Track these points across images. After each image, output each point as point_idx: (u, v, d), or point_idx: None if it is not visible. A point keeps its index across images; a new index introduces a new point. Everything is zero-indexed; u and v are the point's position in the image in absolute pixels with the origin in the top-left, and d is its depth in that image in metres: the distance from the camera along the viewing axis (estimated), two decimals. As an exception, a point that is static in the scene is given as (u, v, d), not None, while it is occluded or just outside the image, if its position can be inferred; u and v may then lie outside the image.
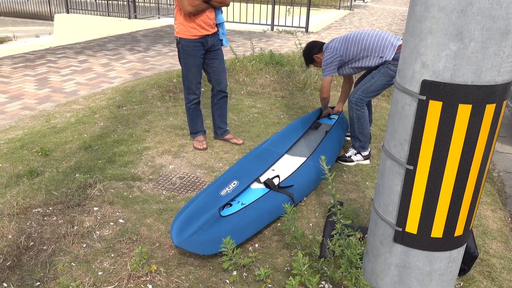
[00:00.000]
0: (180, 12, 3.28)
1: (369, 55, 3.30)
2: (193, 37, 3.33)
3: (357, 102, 3.39)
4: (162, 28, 10.44)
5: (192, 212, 2.48)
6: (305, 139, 3.67)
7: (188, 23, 3.28)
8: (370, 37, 3.30)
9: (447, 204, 1.68)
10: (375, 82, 3.30)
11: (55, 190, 2.97)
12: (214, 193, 2.69)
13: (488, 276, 2.43)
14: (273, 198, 2.73)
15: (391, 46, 3.24)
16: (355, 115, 3.42)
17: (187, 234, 2.34)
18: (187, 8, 3.16)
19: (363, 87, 3.36)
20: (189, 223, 2.40)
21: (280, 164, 3.21)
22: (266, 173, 3.06)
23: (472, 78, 1.49)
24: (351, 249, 1.87)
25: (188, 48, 3.36)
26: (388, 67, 3.25)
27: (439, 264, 1.81)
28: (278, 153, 3.31)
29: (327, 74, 3.50)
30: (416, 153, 1.65)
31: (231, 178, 2.88)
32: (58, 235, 2.51)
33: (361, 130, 3.46)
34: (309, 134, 3.77)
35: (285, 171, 3.12)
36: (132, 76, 6.09)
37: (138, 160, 3.50)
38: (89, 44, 8.30)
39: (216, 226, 2.40)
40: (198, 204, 2.56)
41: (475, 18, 1.41)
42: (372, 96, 3.36)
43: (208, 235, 2.34)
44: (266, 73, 6.06)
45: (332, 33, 10.49)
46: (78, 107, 4.70)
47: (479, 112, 1.53)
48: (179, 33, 3.34)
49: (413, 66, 1.59)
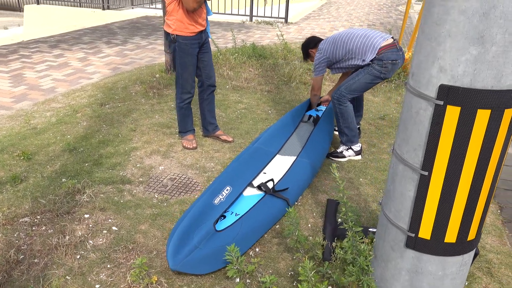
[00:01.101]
0: (178, 8, 3.11)
1: (353, 57, 3.35)
2: (191, 34, 3.20)
3: (339, 99, 3.41)
4: (138, 20, 10.15)
5: (186, 227, 2.36)
6: (296, 134, 3.62)
7: (188, 19, 3.14)
8: (356, 38, 3.33)
9: (462, 210, 1.65)
10: (359, 80, 3.33)
11: (42, 197, 2.82)
12: (208, 203, 2.59)
13: (487, 273, 2.44)
14: (269, 205, 2.66)
15: (372, 49, 3.26)
16: (338, 111, 3.44)
17: (183, 254, 2.22)
18: (192, 5, 3.02)
19: (346, 84, 3.38)
20: (184, 241, 2.28)
21: (272, 165, 3.14)
22: (259, 176, 2.99)
23: (492, 83, 1.45)
24: (362, 256, 1.83)
25: (185, 47, 3.23)
26: (372, 67, 3.28)
27: (451, 269, 1.79)
28: (270, 152, 3.25)
29: (316, 74, 3.62)
30: (431, 159, 1.61)
31: (224, 184, 2.79)
32: (49, 247, 2.38)
33: (346, 124, 3.46)
34: (300, 129, 3.72)
35: (278, 172, 3.05)
36: (111, 71, 5.89)
37: (126, 162, 3.38)
38: (63, 37, 7.99)
39: (212, 242, 2.29)
40: (192, 216, 2.44)
41: (497, 22, 1.37)
42: (355, 94, 3.39)
43: (205, 252, 2.23)
44: (249, 66, 5.96)
45: (311, 23, 10.44)
46: (58, 106, 4.50)
47: (497, 117, 1.49)
48: (176, 30, 3.19)
49: (429, 71, 1.54)
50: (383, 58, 3.22)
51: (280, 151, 3.34)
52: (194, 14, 3.14)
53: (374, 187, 3.19)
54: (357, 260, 1.83)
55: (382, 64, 3.23)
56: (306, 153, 3.22)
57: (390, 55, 3.21)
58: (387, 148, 3.81)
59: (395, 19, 11.56)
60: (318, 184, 3.19)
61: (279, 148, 3.34)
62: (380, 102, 4.96)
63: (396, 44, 3.27)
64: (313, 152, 3.30)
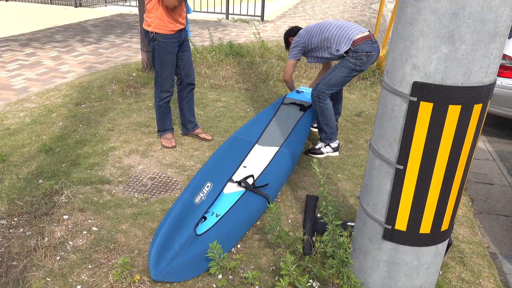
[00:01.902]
0: (158, 5, 3.10)
1: (328, 45, 3.39)
2: (170, 32, 3.18)
3: (319, 95, 3.46)
4: (113, 17, 10.00)
5: (168, 231, 2.31)
6: (276, 120, 3.62)
7: (167, 17, 3.12)
8: (333, 28, 3.37)
9: (435, 201, 1.73)
10: (336, 74, 3.37)
11: (18, 199, 2.77)
12: (189, 202, 2.55)
13: (460, 262, 2.54)
14: (249, 202, 2.65)
15: (347, 40, 3.31)
16: (318, 108, 3.49)
17: (164, 263, 2.18)
18: (172, 2, 3.00)
19: (324, 80, 3.43)
20: (165, 248, 2.24)
21: (252, 158, 3.13)
22: (239, 170, 2.97)
23: (462, 80, 1.52)
24: (342, 249, 1.89)
25: (165, 45, 3.21)
26: (347, 60, 3.31)
27: (426, 258, 1.87)
28: (250, 142, 3.27)
29: (290, 58, 3.64)
30: (406, 153, 1.67)
31: (204, 180, 2.77)
32: (28, 249, 2.35)
33: (325, 121, 3.51)
34: (280, 113, 3.73)
35: (258, 165, 3.04)
36: (86, 70, 5.80)
37: (105, 162, 3.35)
38: (35, 35, 7.80)
39: (193, 247, 2.25)
40: (174, 218, 2.39)
41: (466, 22, 1.44)
42: (334, 89, 3.43)
43: (186, 259, 2.21)
44: (227, 64, 5.98)
45: (287, 21, 10.51)
46: (31, 106, 4.41)
47: (467, 112, 1.57)
48: (155, 28, 3.17)
49: (403, 68, 1.61)
50: (358, 50, 3.27)
51: (259, 140, 3.33)
52: (174, 12, 3.13)
53: (352, 183, 3.26)
54: (337, 252, 1.89)
55: (357, 56, 3.28)
56: (289, 143, 3.25)
57: (364, 47, 3.27)
58: (364, 144, 3.90)
59: (369, 17, 11.76)
60: (297, 180, 3.24)
61: (257, 136, 3.34)
62: (356, 99, 5.05)
63: (372, 36, 3.32)
64: (296, 143, 3.33)
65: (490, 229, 3.12)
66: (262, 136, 3.40)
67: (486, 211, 3.35)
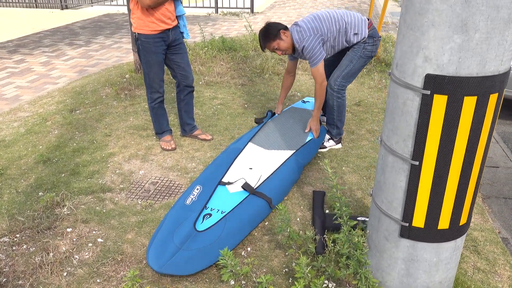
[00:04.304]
0: (137, 6, 3.02)
1: (349, 29, 3.11)
2: (152, 32, 3.10)
3: (339, 90, 3.29)
4: (100, 18, 9.84)
5: (165, 232, 2.36)
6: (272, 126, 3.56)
7: (147, 17, 3.04)
8: (341, 14, 3.14)
9: (453, 196, 1.67)
10: (354, 65, 3.22)
11: (19, 214, 2.70)
12: (180, 204, 2.60)
13: (474, 251, 2.50)
14: (254, 203, 2.63)
15: (363, 22, 3.14)
16: (335, 103, 3.35)
17: (166, 256, 2.21)
18: (145, 2, 2.92)
19: (344, 73, 3.23)
20: (165, 245, 2.28)
21: (254, 159, 3.08)
22: (236, 171, 2.92)
23: (477, 70, 1.46)
24: (359, 249, 1.83)
25: (148, 45, 3.13)
26: (365, 48, 3.18)
27: (446, 254, 1.82)
28: (242, 143, 3.23)
29: (318, 61, 3.10)
30: (421, 149, 1.61)
31: (194, 184, 2.80)
32: (33, 266, 2.28)
33: (340, 117, 3.43)
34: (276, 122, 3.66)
35: (263, 169, 2.99)
36: (78, 74, 5.68)
37: (105, 169, 3.27)
38: (22, 41, 7.65)
39: (196, 243, 2.28)
40: (169, 221, 2.45)
41: (479, 9, 1.37)
42: (352, 80, 3.31)
43: (189, 254, 2.23)
44: (220, 60, 5.88)
45: (277, 12, 10.39)
46: (25, 115, 4.31)
47: (483, 103, 1.51)
48: (137, 29, 3.10)
49: (414, 61, 1.54)
50: (373, 35, 3.16)
51: (253, 139, 3.32)
52: (154, 12, 3.04)
53: (358, 175, 3.21)
54: (353, 253, 1.83)
55: (373, 42, 3.16)
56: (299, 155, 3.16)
57: (375, 32, 3.19)
58: (366, 135, 3.84)
59: (359, 2, 11.65)
60: (302, 176, 3.19)
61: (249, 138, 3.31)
62: (354, 88, 4.99)
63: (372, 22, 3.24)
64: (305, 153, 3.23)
65: (499, 213, 3.09)
66: (256, 136, 3.36)
67: (494, 195, 3.32)
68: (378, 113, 4.29)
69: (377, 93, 4.83)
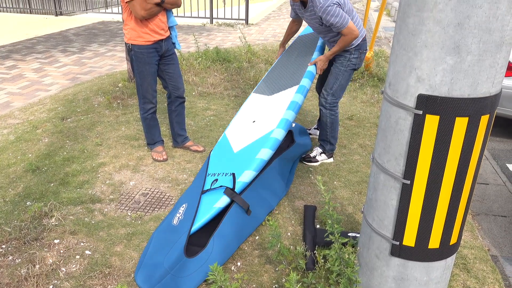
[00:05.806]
0: (130, 17, 3.03)
1: (352, 17, 3.06)
2: (146, 43, 3.10)
3: (332, 108, 3.34)
4: (95, 26, 9.82)
5: (154, 255, 2.35)
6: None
7: (140, 28, 3.04)
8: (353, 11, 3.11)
9: (444, 215, 1.67)
10: (341, 82, 3.26)
11: (5, 225, 2.65)
12: (167, 225, 2.60)
13: (464, 269, 2.50)
14: (239, 217, 2.61)
15: (361, 29, 3.15)
16: (329, 121, 3.38)
17: (155, 279, 2.20)
18: (139, 13, 2.93)
19: (332, 91, 3.29)
20: (155, 269, 2.27)
21: (257, 111, 3.08)
22: (240, 125, 2.99)
23: (469, 91, 1.47)
24: (350, 267, 1.82)
25: (142, 56, 3.12)
26: (349, 60, 3.21)
27: (436, 273, 1.81)
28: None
29: (347, 21, 2.94)
30: (413, 168, 1.62)
31: (180, 203, 2.80)
32: (18, 278, 2.24)
33: (333, 134, 3.45)
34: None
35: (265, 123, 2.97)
36: (70, 81, 5.65)
37: (95, 179, 3.23)
38: (15, 47, 7.60)
39: (185, 269, 2.26)
40: (156, 243, 2.44)
41: (472, 32, 1.39)
42: (342, 94, 3.35)
43: (179, 280, 2.21)
44: (214, 71, 5.89)
45: (272, 24, 10.46)
46: (15, 122, 4.27)
47: (475, 124, 1.52)
48: (130, 40, 3.09)
49: (407, 80, 1.55)
50: (360, 48, 3.19)
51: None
52: (148, 23, 3.04)
53: (349, 190, 3.21)
54: (344, 271, 1.82)
55: (358, 55, 3.19)
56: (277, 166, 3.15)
57: (365, 44, 3.22)
58: (358, 149, 3.85)
59: (353, 16, 11.75)
60: (294, 190, 3.18)
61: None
62: (346, 102, 5.01)
63: None
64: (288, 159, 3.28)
65: (489, 231, 3.10)
66: (258, 87, 3.42)
67: (484, 212, 3.33)
68: (370, 128, 4.31)
69: (369, 108, 4.86)
